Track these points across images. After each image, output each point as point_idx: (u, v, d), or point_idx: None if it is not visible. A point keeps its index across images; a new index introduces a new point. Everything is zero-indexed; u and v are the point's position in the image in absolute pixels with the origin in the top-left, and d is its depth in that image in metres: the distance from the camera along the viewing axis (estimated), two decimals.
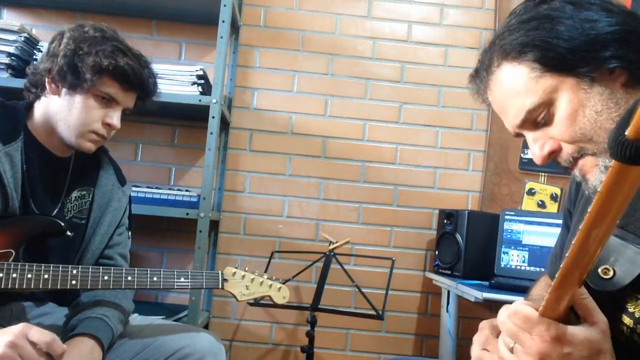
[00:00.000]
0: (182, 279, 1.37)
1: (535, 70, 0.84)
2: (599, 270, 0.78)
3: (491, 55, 0.90)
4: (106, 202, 1.46)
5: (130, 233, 1.55)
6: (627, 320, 0.79)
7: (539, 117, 0.85)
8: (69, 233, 1.34)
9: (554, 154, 0.86)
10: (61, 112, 1.31)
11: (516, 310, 0.73)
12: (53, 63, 1.29)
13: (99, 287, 1.28)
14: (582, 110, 0.82)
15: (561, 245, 1.17)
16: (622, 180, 0.55)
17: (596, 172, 0.83)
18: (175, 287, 1.36)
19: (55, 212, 1.38)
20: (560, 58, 0.82)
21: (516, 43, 0.85)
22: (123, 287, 1.30)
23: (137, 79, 1.34)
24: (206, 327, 2.30)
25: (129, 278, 1.30)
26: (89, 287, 1.27)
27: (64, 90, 1.30)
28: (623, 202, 0.57)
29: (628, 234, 0.80)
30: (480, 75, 0.93)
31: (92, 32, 1.32)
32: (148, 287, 1.34)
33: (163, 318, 1.77)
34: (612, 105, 0.82)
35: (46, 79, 1.31)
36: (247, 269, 1.49)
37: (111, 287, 1.29)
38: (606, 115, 0.81)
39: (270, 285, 1.51)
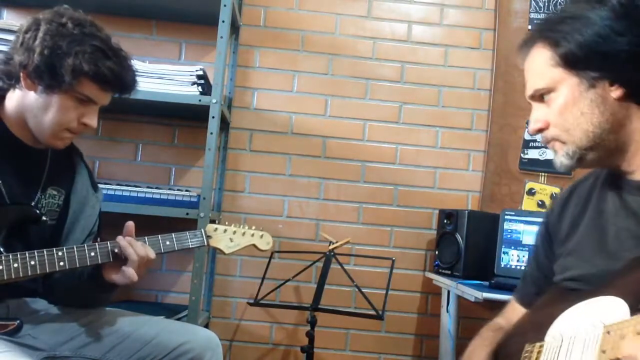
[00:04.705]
0: (168, 243, 1.38)
1: (553, 59, 0.98)
2: None
3: (535, 32, 1.04)
4: (80, 209, 1.45)
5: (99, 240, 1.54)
6: None
7: (543, 96, 1.01)
8: (44, 218, 1.33)
9: (540, 131, 1.03)
10: (37, 108, 1.27)
11: None
12: (29, 58, 1.23)
13: (88, 263, 1.28)
14: (572, 107, 0.97)
15: (535, 266, 1.19)
16: None
17: (562, 154, 1.00)
18: (163, 251, 1.37)
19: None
20: (573, 57, 0.96)
21: (549, 30, 1.00)
22: (111, 260, 1.30)
23: (117, 81, 1.31)
24: (206, 327, 2.29)
25: (116, 251, 1.30)
26: (77, 265, 1.26)
27: (40, 87, 1.25)
28: None
29: None
30: (525, 44, 1.06)
31: (70, 26, 1.25)
32: None
33: (163, 318, 1.76)
34: (596, 112, 0.95)
35: (21, 74, 1.25)
36: (227, 223, 1.52)
37: (99, 261, 1.29)
38: (587, 119, 0.96)
39: (253, 235, 1.55)
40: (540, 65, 1.00)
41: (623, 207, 0.99)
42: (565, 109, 0.97)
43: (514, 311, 1.20)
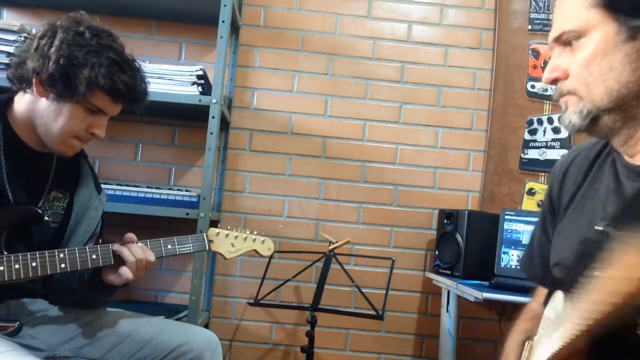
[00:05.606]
0: (169, 246, 1.39)
1: None
2: None
3: None
4: (83, 211, 1.45)
5: (100, 242, 1.54)
6: None
7: (571, 42, 0.87)
8: (47, 218, 1.34)
9: (556, 81, 0.90)
10: (47, 116, 1.27)
11: None
12: (43, 65, 1.22)
13: (89, 266, 1.28)
14: (601, 59, 0.84)
15: (541, 243, 1.14)
16: None
17: (574, 110, 0.87)
18: (164, 255, 1.37)
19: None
20: None
21: None
22: (113, 263, 1.30)
23: (130, 94, 1.31)
24: (206, 327, 2.29)
25: (117, 254, 1.30)
26: (78, 267, 1.27)
27: (52, 95, 1.25)
28: None
29: None
30: None
31: (87, 36, 1.24)
32: None
33: (163, 318, 1.77)
34: (627, 69, 0.83)
35: (34, 80, 1.24)
36: (229, 227, 1.52)
37: (101, 264, 1.29)
38: (615, 75, 0.83)
39: (254, 240, 1.55)
40: (576, 4, 0.86)
41: (616, 190, 0.91)
42: (593, 59, 0.84)
43: (542, 292, 1.13)
